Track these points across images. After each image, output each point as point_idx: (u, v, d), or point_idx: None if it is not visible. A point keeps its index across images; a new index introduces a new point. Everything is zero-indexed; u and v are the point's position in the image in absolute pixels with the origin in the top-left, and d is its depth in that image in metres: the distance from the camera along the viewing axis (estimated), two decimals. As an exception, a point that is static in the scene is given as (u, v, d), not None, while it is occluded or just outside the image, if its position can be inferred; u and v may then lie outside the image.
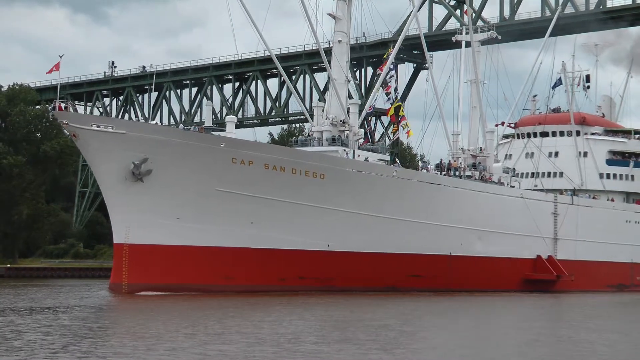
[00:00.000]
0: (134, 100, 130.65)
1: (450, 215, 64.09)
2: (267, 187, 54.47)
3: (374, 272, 59.66)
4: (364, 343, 28.40)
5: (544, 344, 30.22)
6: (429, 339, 30.89)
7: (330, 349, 26.71)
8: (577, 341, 31.46)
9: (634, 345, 31.37)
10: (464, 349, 28.48)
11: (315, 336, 30.01)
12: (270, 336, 29.57)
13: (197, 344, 27.00)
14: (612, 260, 79.27)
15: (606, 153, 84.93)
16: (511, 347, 29.18)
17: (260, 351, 25.85)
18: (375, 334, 31.05)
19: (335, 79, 63.01)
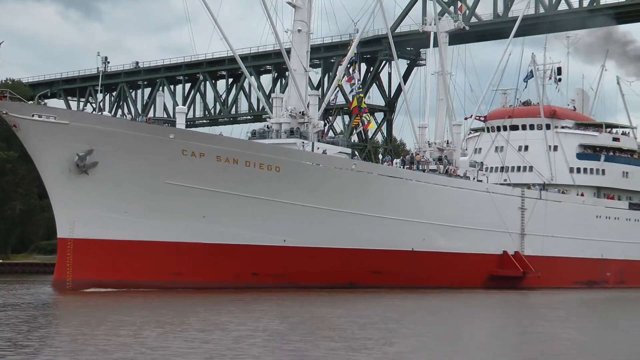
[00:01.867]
0: (127, 96, 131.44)
1: (413, 209, 63.19)
2: (219, 180, 53.43)
3: (332, 268, 58.67)
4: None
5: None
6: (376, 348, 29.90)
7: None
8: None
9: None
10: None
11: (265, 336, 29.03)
12: (207, 336, 28.52)
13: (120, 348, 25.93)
14: (581, 257, 78.60)
15: (577, 147, 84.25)
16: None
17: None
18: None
19: (294, 69, 62.05)
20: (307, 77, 63.87)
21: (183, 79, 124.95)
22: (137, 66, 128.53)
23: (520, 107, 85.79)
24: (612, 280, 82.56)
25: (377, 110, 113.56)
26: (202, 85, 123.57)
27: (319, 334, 29.73)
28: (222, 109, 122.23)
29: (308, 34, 63.45)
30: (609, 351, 28.78)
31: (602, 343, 31.39)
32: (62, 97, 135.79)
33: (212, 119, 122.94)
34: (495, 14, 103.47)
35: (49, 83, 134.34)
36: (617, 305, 57.87)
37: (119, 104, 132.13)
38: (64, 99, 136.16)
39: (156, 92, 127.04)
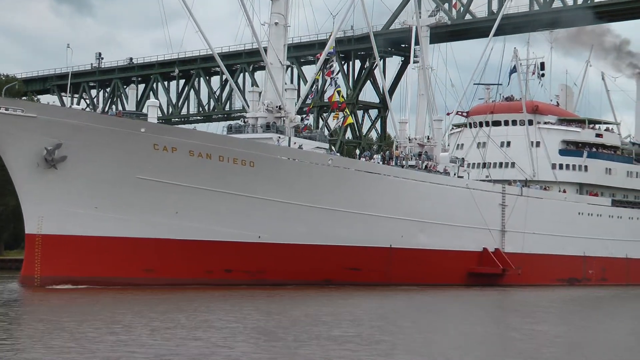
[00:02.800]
0: (121, 92, 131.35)
1: (391, 205, 62.77)
2: (192, 176, 52.88)
3: (308, 265, 58.17)
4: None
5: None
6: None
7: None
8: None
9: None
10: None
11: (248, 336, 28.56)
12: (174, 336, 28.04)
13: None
14: (563, 254, 78.41)
15: (559, 143, 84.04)
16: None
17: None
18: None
19: (271, 63, 61.53)
20: (284, 71, 63.28)
21: (177, 75, 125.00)
22: (130, 62, 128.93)
23: (503, 102, 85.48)
24: (594, 277, 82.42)
25: (371, 107, 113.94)
26: (197, 82, 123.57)
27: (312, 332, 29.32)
28: (216, 106, 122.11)
29: (285, 27, 62.86)
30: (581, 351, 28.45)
31: (576, 343, 31.04)
32: (56, 93, 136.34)
33: (206, 115, 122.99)
34: (489, 11, 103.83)
35: (43, 79, 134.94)
36: (597, 304, 57.62)
37: (113, 100, 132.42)
38: (58, 94, 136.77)
39: (149, 88, 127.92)
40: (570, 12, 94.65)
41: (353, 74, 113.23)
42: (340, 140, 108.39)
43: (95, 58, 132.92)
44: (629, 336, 34.34)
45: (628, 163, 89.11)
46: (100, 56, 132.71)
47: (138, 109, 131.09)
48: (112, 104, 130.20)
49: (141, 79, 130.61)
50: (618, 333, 35.13)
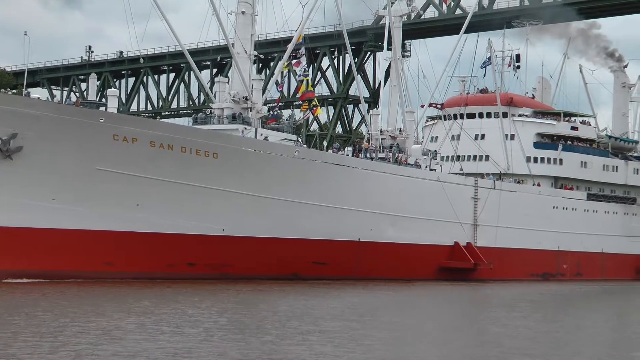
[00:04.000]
0: (111, 86, 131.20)
1: (359, 198, 62.30)
2: (153, 167, 52.26)
3: (274, 259, 57.66)
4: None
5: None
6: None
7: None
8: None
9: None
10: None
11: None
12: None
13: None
14: (536, 248, 78.17)
15: (534, 136, 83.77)
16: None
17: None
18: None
19: (237, 53, 60.97)
20: (251, 61, 62.69)
21: (167, 68, 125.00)
22: (121, 56, 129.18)
23: (477, 94, 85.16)
24: (568, 272, 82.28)
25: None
26: (187, 75, 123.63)
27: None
28: (205, 99, 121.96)
29: (253, 16, 62.26)
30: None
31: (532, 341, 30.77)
32: (46, 86, 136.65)
33: (196, 109, 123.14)
34: (480, 6, 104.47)
35: (33, 72, 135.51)
36: (570, 300, 57.54)
37: (103, 93, 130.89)
38: (48, 88, 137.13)
39: (139, 82, 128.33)
40: (555, 7, 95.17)
41: (343, 68, 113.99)
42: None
43: (86, 51, 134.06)
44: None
45: (604, 156, 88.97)
46: (91, 49, 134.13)
47: (128, 102, 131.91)
48: (102, 98, 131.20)
49: (131, 73, 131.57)
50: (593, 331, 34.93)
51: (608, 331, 34.48)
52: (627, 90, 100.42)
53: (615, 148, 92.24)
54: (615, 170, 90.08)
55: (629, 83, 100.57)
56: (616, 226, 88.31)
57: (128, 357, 22.34)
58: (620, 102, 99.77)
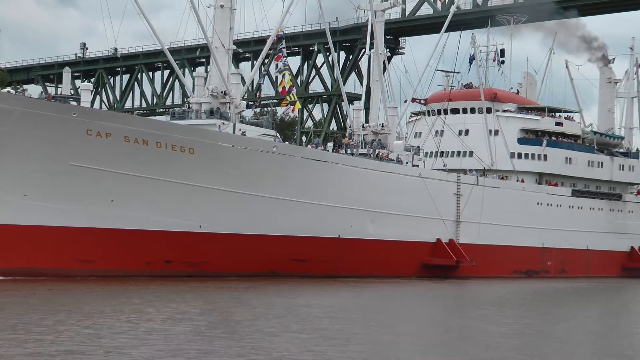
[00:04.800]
0: (105, 83, 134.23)
1: (339, 194, 62.04)
2: (128, 163, 51.91)
3: (252, 256, 57.39)
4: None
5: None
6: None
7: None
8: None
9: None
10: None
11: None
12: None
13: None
14: (520, 245, 78.03)
15: (518, 131, 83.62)
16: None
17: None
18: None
19: (216, 47, 60.64)
20: (229, 56, 62.33)
21: (162, 65, 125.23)
22: (115, 53, 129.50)
23: (461, 90, 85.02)
24: (553, 269, 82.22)
25: (355, 98, 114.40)
26: (182, 73, 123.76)
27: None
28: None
29: (231, 10, 61.93)
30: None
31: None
32: (40, 83, 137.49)
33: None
34: (474, 4, 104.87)
35: (27, 69, 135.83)
36: (543, 298, 57.41)
37: (97, 90, 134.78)
38: (42, 85, 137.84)
39: (134, 79, 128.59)
40: (548, 5, 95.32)
41: (338, 65, 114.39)
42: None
43: (80, 48, 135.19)
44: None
45: (589, 152, 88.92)
46: (85, 46, 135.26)
47: (123, 99, 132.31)
48: (97, 95, 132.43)
49: (126, 70, 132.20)
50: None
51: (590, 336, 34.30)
52: (612, 86, 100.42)
53: (600, 144, 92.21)
54: (601, 166, 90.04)
55: (615, 78, 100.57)
56: (601, 223, 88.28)
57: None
58: (605, 98, 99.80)
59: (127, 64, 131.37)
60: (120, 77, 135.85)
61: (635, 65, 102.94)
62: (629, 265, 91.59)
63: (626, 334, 33.31)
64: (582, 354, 26.47)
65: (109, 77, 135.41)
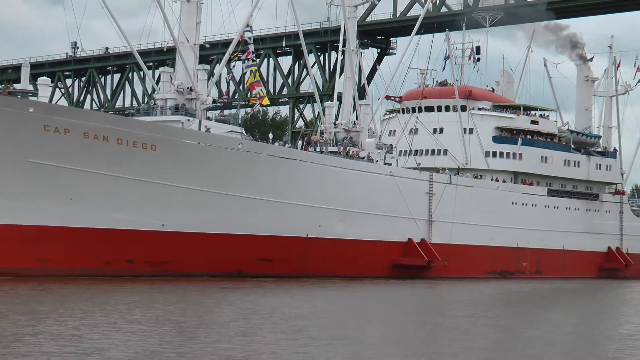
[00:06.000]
0: (96, 82, 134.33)
1: (307, 193, 61.42)
2: (88, 159, 51.14)
3: (216, 256, 56.71)
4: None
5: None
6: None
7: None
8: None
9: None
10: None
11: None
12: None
13: None
14: (494, 245, 77.61)
15: (493, 130, 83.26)
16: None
17: None
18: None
19: (181, 42, 59.91)
20: (195, 51, 61.56)
21: (153, 65, 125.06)
22: (106, 52, 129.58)
23: (435, 87, 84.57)
24: (528, 270, 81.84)
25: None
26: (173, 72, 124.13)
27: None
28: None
29: (198, 4, 61.20)
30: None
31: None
32: (31, 82, 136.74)
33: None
34: (465, 4, 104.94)
35: (17, 67, 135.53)
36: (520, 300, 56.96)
37: (88, 89, 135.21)
38: (33, 84, 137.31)
39: (125, 78, 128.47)
40: (530, 7, 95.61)
41: (329, 65, 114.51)
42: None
43: (71, 47, 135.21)
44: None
45: (565, 151, 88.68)
46: (76, 45, 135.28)
47: (114, 98, 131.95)
48: (88, 94, 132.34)
49: (117, 69, 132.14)
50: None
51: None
52: (590, 84, 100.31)
53: (577, 143, 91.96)
54: (577, 165, 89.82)
55: (592, 77, 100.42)
56: (578, 223, 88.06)
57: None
58: (583, 96, 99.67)
59: (118, 63, 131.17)
60: (112, 76, 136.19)
61: (614, 64, 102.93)
62: (606, 266, 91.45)
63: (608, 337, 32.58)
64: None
65: (100, 77, 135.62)
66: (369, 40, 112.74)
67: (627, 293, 67.60)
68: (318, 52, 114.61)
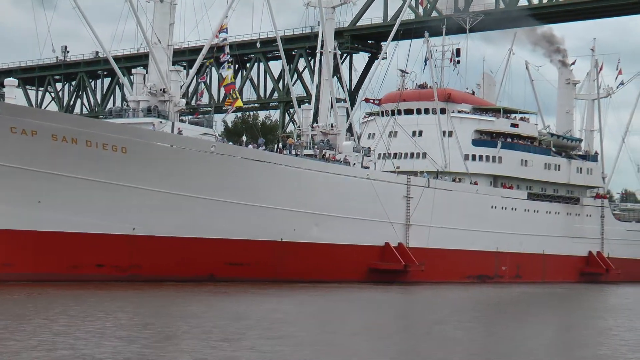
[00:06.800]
0: (86, 86, 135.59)
1: (281, 196, 60.96)
2: (56, 162, 50.69)
3: (189, 260, 56.27)
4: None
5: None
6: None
7: None
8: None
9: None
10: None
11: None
12: None
13: None
14: (473, 249, 77.27)
15: (472, 133, 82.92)
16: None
17: None
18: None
19: (154, 43, 59.48)
20: (169, 52, 61.08)
21: (144, 68, 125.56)
22: (96, 56, 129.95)
23: (414, 90, 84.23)
24: (507, 274, 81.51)
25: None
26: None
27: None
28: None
29: (172, 5, 60.75)
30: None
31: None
32: (21, 86, 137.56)
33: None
34: (456, 8, 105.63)
35: (7, 71, 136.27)
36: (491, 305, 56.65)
37: (78, 93, 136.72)
38: (23, 88, 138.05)
39: (115, 82, 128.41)
40: (514, 12, 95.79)
41: (320, 69, 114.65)
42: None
43: (61, 51, 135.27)
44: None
45: (546, 155, 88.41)
46: (66, 49, 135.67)
47: (104, 102, 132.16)
48: (78, 98, 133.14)
49: (107, 73, 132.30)
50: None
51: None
52: (572, 87, 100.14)
53: (557, 146, 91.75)
54: (558, 169, 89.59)
55: (574, 80, 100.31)
56: (558, 227, 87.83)
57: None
58: (564, 99, 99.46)
59: (109, 67, 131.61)
60: (102, 80, 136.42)
61: (596, 67, 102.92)
62: (587, 271, 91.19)
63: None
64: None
65: (90, 81, 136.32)
66: (360, 44, 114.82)
67: (607, 298, 67.49)
68: (308, 56, 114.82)
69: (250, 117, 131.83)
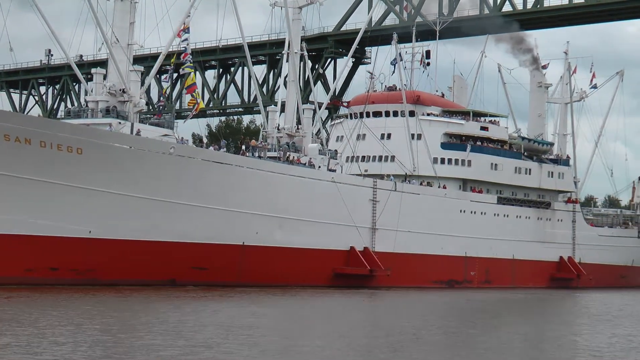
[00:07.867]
0: (70, 89, 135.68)
1: (243, 199, 60.51)
2: (9, 162, 50.05)
3: (148, 264, 55.71)
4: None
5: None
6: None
7: None
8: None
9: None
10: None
11: None
12: None
13: None
14: (441, 254, 77.07)
15: (441, 136, 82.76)
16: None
17: None
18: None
19: (115, 41, 58.94)
20: (129, 51, 60.51)
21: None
22: (81, 59, 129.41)
23: (383, 92, 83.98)
24: (476, 279, 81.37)
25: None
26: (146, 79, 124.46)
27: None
28: (166, 104, 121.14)
29: (132, 3, 60.23)
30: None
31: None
32: (5, 90, 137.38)
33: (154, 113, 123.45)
34: (440, 14, 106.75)
35: None
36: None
37: (62, 97, 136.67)
38: (6, 91, 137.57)
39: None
40: (497, 19, 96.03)
41: (303, 75, 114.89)
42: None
43: (45, 55, 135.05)
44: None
45: (516, 158, 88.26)
46: (50, 53, 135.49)
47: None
48: (62, 101, 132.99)
49: (91, 77, 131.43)
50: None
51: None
52: (543, 91, 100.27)
53: (528, 150, 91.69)
54: (529, 173, 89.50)
55: (546, 83, 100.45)
56: (529, 231, 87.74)
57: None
58: (535, 102, 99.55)
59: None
60: (86, 83, 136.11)
61: (569, 70, 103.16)
62: (558, 276, 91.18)
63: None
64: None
65: (74, 84, 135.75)
66: (344, 49, 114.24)
67: (578, 304, 67.43)
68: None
69: (235, 122, 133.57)
